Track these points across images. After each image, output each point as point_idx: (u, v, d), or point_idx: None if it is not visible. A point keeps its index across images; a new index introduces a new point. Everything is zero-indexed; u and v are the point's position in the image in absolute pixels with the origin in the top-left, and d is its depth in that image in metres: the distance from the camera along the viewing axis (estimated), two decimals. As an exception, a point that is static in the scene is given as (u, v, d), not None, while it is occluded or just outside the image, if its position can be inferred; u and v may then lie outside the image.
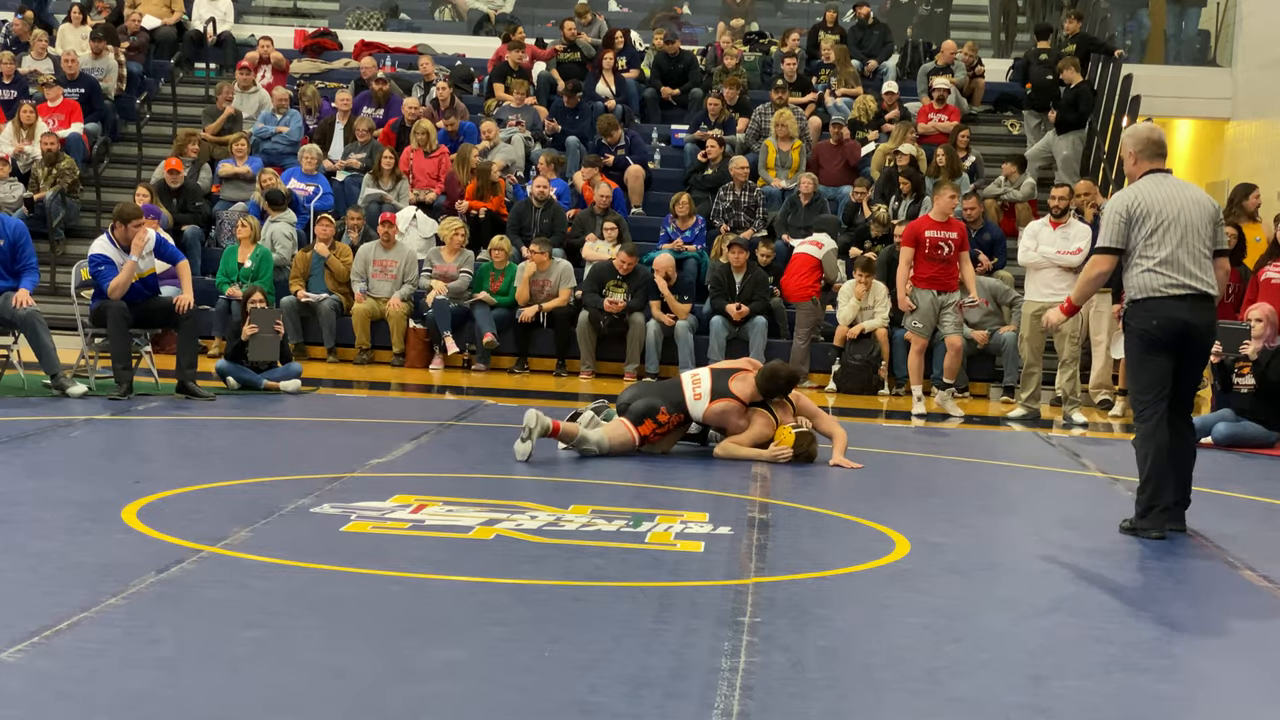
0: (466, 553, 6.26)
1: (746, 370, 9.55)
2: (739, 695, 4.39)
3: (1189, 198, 7.41)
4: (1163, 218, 7.30)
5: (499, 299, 15.09)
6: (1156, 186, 7.41)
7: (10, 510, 6.80)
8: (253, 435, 10.09)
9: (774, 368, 9.54)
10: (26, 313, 10.96)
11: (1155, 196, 7.35)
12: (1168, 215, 7.31)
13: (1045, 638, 5.39)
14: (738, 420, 9.37)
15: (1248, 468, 10.44)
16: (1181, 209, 7.34)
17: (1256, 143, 19.29)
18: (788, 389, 9.47)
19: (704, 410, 9.37)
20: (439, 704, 4.25)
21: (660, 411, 9.35)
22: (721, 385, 9.38)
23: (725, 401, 9.34)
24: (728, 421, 9.38)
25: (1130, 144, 7.58)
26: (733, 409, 9.34)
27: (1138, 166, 7.53)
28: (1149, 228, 7.31)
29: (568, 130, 17.85)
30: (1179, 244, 7.29)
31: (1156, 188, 7.40)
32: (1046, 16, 21.61)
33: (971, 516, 7.92)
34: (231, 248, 15.31)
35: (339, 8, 23.52)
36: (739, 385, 9.38)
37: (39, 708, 4.07)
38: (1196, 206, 7.38)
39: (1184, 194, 7.42)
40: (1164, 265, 7.28)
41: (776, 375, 9.42)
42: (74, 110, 17.49)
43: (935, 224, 12.55)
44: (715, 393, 9.36)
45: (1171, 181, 7.50)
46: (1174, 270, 7.28)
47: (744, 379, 9.41)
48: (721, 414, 9.36)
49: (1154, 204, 7.33)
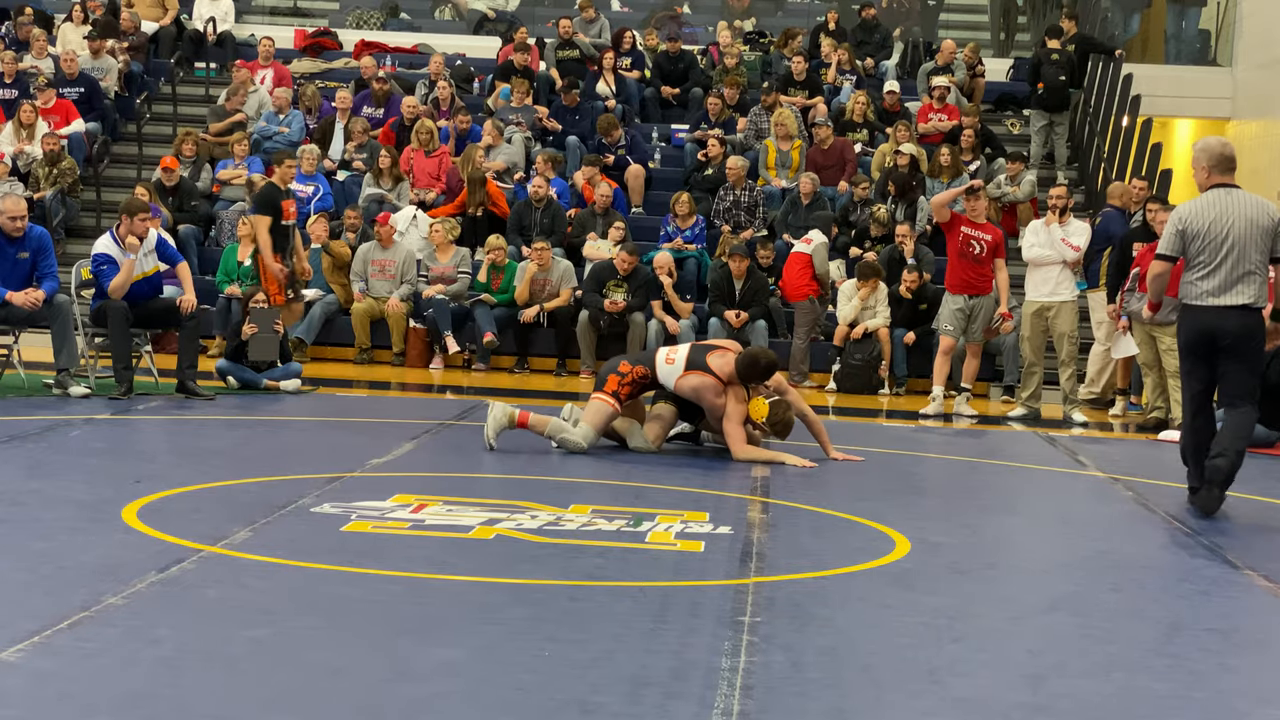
0: (467, 552, 6.26)
1: (727, 349, 9.41)
2: (739, 695, 4.39)
3: (1245, 215, 7.97)
4: (1211, 235, 7.93)
5: (499, 298, 15.09)
6: (1214, 203, 7.99)
7: (10, 510, 6.80)
8: (253, 435, 10.09)
9: (754, 354, 9.31)
10: (62, 303, 11.00)
11: (1210, 214, 7.98)
12: (1216, 233, 7.93)
13: (1045, 638, 5.39)
14: (713, 398, 9.18)
15: (1248, 468, 10.35)
16: (1232, 226, 7.93)
17: (1257, 142, 19.30)
18: (765, 377, 9.25)
19: (676, 379, 9.24)
20: (439, 704, 4.25)
21: (621, 363, 9.40)
22: (699, 359, 9.24)
23: (700, 375, 9.18)
24: (702, 397, 9.22)
25: (1205, 158, 8.11)
26: (708, 385, 9.17)
27: (1209, 179, 8.08)
28: (1200, 244, 7.97)
29: (568, 130, 17.85)
30: (1224, 260, 7.93)
31: (1213, 205, 7.99)
32: (1046, 16, 21.62)
33: (971, 516, 7.92)
34: (231, 247, 15.31)
35: (339, 7, 23.52)
36: (718, 361, 9.20)
37: (39, 708, 4.07)
38: (1249, 224, 7.96)
39: (1242, 211, 7.98)
40: (1206, 278, 7.96)
41: (755, 362, 9.18)
42: (69, 111, 17.48)
43: (971, 223, 12.54)
44: (691, 364, 9.22)
45: (1233, 197, 8.03)
46: (1214, 283, 7.93)
47: (724, 356, 9.24)
48: (696, 388, 9.21)
49: (1206, 221, 7.97)
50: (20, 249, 11.01)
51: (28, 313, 10.95)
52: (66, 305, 11.13)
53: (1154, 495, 8.80)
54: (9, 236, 10.95)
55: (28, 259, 11.04)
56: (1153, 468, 10.22)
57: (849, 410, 13.07)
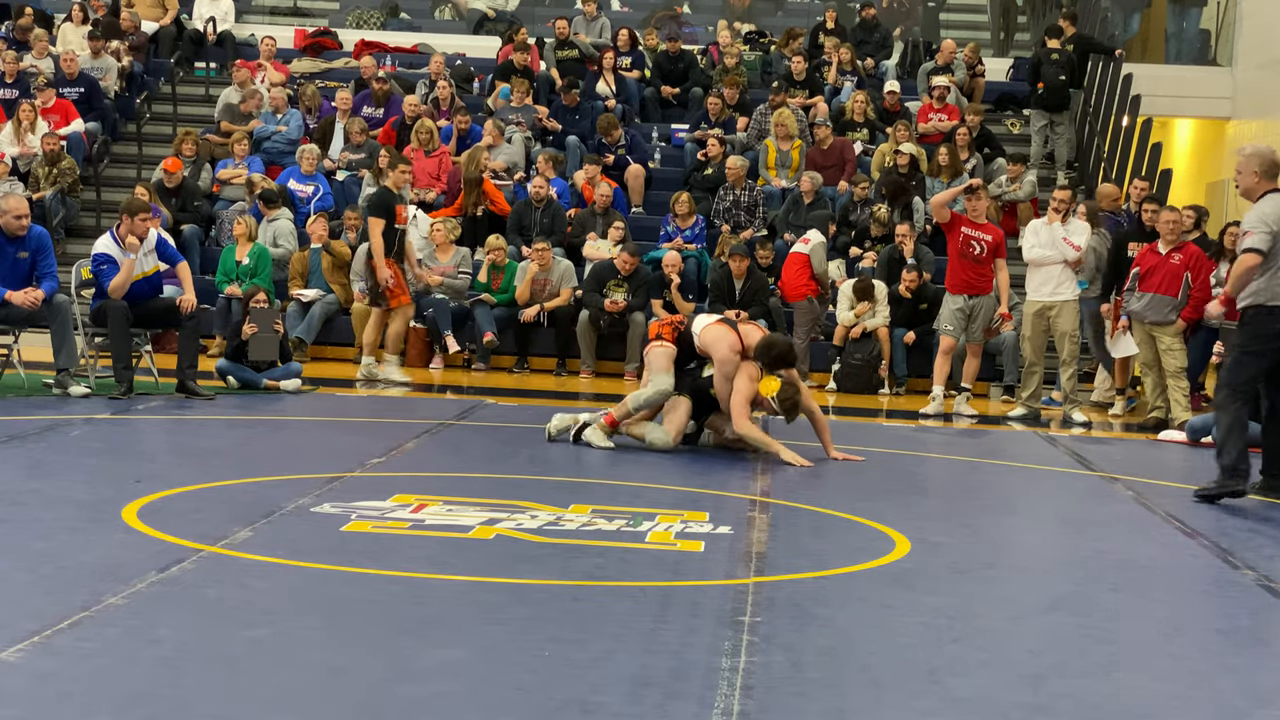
0: (466, 552, 6.26)
1: (759, 329, 9.78)
2: (739, 695, 4.39)
3: None
4: None
5: (499, 298, 15.09)
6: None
7: (10, 510, 6.80)
8: (253, 435, 10.09)
9: (774, 339, 9.65)
10: (61, 302, 11.00)
11: None
12: None
13: (1045, 638, 5.39)
14: (727, 350, 9.35)
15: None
16: None
17: (1257, 142, 19.26)
18: (777, 364, 9.39)
19: (704, 326, 9.55)
20: (439, 704, 4.25)
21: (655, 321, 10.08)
22: (731, 321, 9.66)
23: (726, 330, 9.47)
24: (717, 349, 9.40)
25: (1256, 164, 8.34)
26: (727, 338, 9.40)
27: (1259, 185, 8.30)
28: None
29: (568, 129, 17.85)
30: None
31: None
32: (1046, 15, 21.61)
33: (971, 516, 7.92)
34: (230, 247, 15.31)
35: (339, 7, 23.51)
36: (744, 328, 9.59)
37: (39, 708, 4.07)
38: None
39: None
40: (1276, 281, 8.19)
41: (773, 345, 9.44)
42: (68, 110, 17.48)
43: (971, 223, 12.56)
44: (725, 321, 9.62)
45: None
46: None
47: (752, 332, 9.58)
48: (717, 338, 9.44)
49: None
50: (20, 249, 11.01)
51: (27, 312, 10.95)
52: (66, 305, 11.13)
53: (1154, 495, 8.80)
54: (9, 236, 10.96)
55: (27, 259, 11.05)
56: (1153, 468, 10.22)
57: (849, 410, 13.06)
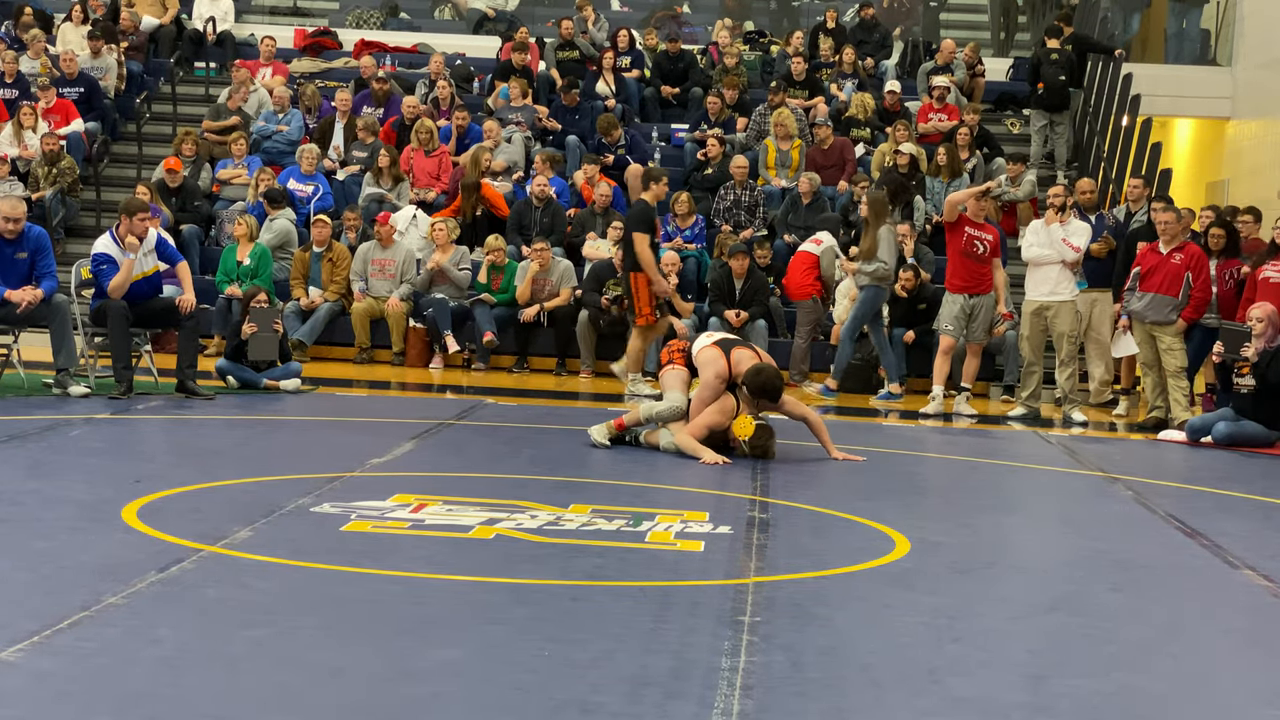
0: (466, 552, 6.26)
1: (757, 354, 9.64)
2: (739, 695, 4.39)
3: None
4: None
5: (499, 298, 15.09)
6: None
7: (10, 510, 6.80)
8: (253, 435, 10.09)
9: (762, 368, 9.33)
10: (60, 302, 11.00)
11: None
12: None
13: (1045, 637, 5.39)
14: (712, 376, 9.38)
15: (1248, 467, 10.44)
16: None
17: (1257, 142, 19.28)
18: (758, 394, 9.26)
19: (699, 350, 9.63)
20: (438, 704, 4.25)
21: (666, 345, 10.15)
22: (727, 344, 9.65)
23: (718, 354, 9.46)
24: (704, 374, 9.49)
25: None
26: (716, 363, 9.41)
27: None
28: None
29: (568, 129, 17.85)
30: None
31: None
32: (1046, 15, 21.60)
33: (971, 516, 7.91)
34: (230, 247, 15.30)
35: (339, 7, 23.50)
36: (738, 353, 9.51)
37: (39, 708, 4.07)
38: None
39: None
40: None
41: (758, 374, 9.26)
42: (69, 110, 17.47)
43: (973, 222, 12.59)
44: (720, 343, 9.61)
45: None
46: None
47: (744, 359, 9.44)
48: (706, 364, 9.49)
49: None
50: (18, 249, 11.01)
51: (27, 312, 10.95)
52: (65, 305, 11.13)
53: (1154, 495, 8.80)
54: (6, 237, 10.95)
55: (26, 259, 11.04)
56: (1153, 468, 10.23)
57: (849, 410, 13.06)
